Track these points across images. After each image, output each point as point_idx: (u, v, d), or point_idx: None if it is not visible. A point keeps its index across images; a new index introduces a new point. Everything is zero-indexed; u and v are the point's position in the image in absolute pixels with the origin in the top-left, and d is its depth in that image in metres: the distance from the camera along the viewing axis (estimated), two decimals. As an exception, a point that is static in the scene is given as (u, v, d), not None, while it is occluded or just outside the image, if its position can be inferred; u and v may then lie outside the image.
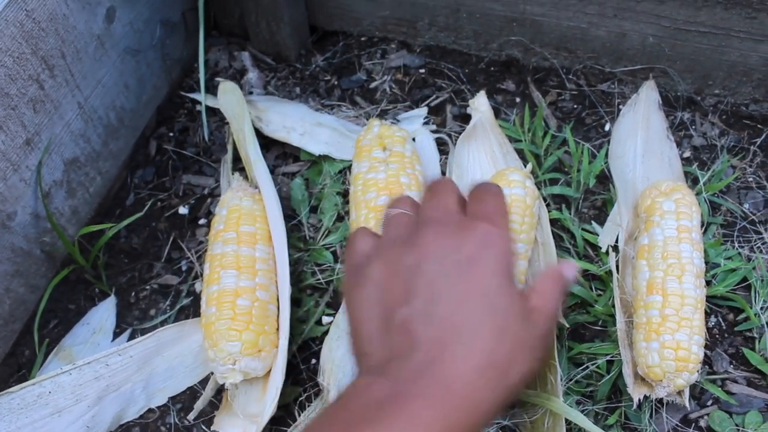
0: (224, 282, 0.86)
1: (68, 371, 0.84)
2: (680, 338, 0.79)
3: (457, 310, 0.54)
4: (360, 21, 1.18)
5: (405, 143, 0.96)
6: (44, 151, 0.89)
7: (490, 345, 0.52)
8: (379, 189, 0.90)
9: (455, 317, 0.54)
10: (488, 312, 0.54)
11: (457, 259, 0.56)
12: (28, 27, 0.81)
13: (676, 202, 0.89)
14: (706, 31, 0.99)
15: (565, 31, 1.07)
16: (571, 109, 1.10)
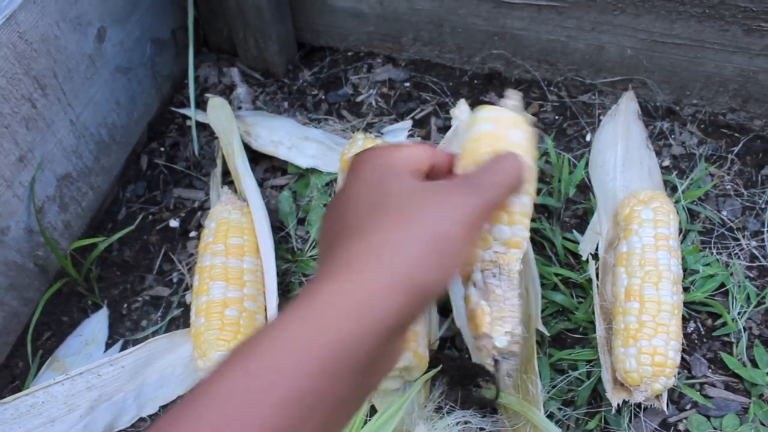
0: (213, 293, 0.89)
1: (61, 381, 0.86)
2: (657, 344, 0.81)
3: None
4: (346, 37, 1.21)
5: None
6: (37, 167, 0.92)
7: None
8: (363, 201, 0.92)
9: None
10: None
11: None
12: (20, 48, 0.84)
13: (654, 210, 0.91)
14: (682, 43, 1.02)
15: (546, 45, 1.10)
16: (552, 120, 1.12)
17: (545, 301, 0.93)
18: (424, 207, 0.50)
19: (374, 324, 0.44)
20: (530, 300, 0.89)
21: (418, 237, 0.48)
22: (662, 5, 0.98)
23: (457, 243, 0.49)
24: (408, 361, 0.81)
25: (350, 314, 0.44)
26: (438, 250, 0.48)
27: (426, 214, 0.49)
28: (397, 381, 0.85)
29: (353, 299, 0.44)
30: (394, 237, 0.48)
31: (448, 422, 0.83)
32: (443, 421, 0.83)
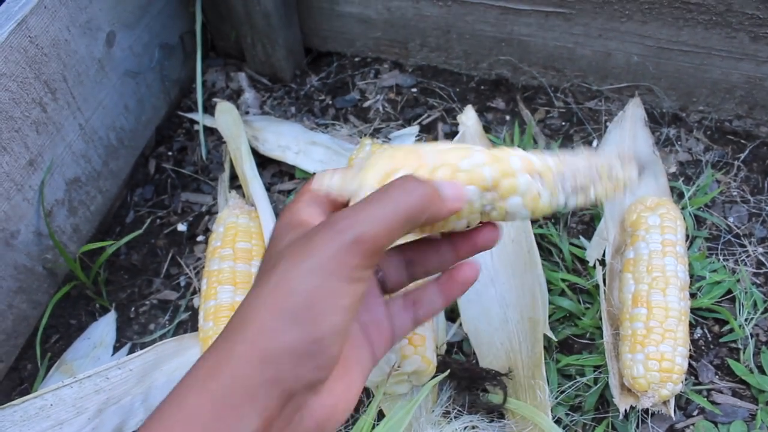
0: (221, 297, 0.89)
1: (69, 384, 0.86)
2: (664, 350, 0.81)
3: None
4: (353, 42, 1.22)
5: None
6: (46, 171, 0.92)
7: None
8: (371, 206, 0.92)
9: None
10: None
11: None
12: (31, 53, 0.84)
13: (661, 216, 0.92)
14: (689, 50, 1.02)
15: (553, 51, 1.10)
16: (559, 126, 1.13)
17: (552, 307, 0.93)
18: (279, 266, 0.44)
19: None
20: (537, 305, 0.89)
21: (269, 302, 0.44)
22: (669, 12, 0.98)
23: (314, 296, 0.43)
24: (416, 366, 0.81)
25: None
26: (290, 310, 0.43)
27: (278, 273, 0.44)
28: (405, 385, 0.85)
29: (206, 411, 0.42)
30: (248, 306, 0.45)
31: (455, 427, 0.83)
32: (451, 426, 0.83)
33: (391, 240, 0.44)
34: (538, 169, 0.53)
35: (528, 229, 0.95)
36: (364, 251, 0.43)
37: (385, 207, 0.44)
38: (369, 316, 0.53)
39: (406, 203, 0.45)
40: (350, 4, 1.15)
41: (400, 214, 0.44)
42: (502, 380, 0.85)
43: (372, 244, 0.43)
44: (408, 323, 0.56)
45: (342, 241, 0.43)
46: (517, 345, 0.89)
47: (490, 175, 0.51)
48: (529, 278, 0.91)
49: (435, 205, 0.46)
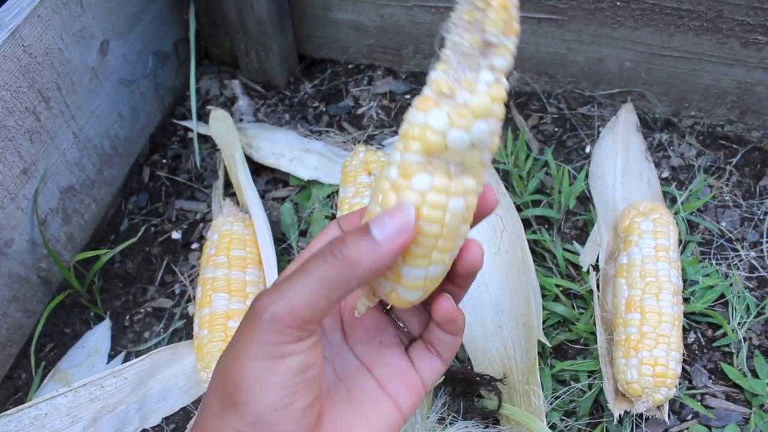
0: (216, 305, 0.89)
1: (64, 393, 0.86)
2: (658, 355, 0.82)
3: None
4: (347, 49, 1.22)
5: None
6: (40, 180, 0.92)
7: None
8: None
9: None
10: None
11: None
12: (25, 62, 0.85)
13: (653, 221, 0.92)
14: (680, 56, 1.03)
15: (545, 57, 1.10)
16: (552, 132, 1.13)
17: (546, 312, 0.93)
18: (222, 354, 0.46)
19: None
20: (531, 311, 0.89)
21: (211, 390, 0.45)
22: (660, 18, 0.99)
23: (242, 379, 0.43)
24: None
25: None
26: (225, 396, 0.44)
27: (218, 361, 0.46)
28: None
29: None
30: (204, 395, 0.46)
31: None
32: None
33: (318, 309, 0.42)
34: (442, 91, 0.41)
35: (521, 234, 0.95)
36: (284, 328, 0.42)
37: (300, 281, 0.42)
38: (388, 370, 0.52)
39: (323, 272, 0.42)
40: (343, 11, 1.15)
41: (320, 284, 0.42)
42: (497, 386, 0.85)
43: (291, 318, 0.42)
44: (436, 365, 0.53)
45: (259, 322, 0.42)
46: (511, 351, 0.89)
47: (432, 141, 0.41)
48: (523, 284, 0.92)
49: (362, 263, 0.42)
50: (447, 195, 0.42)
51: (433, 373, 0.52)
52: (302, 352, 0.43)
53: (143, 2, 1.07)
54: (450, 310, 0.49)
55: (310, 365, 0.44)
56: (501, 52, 0.40)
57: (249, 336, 0.43)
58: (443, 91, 0.40)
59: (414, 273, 0.45)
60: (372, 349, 0.52)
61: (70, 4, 0.91)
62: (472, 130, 0.40)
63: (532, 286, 0.91)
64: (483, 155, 0.42)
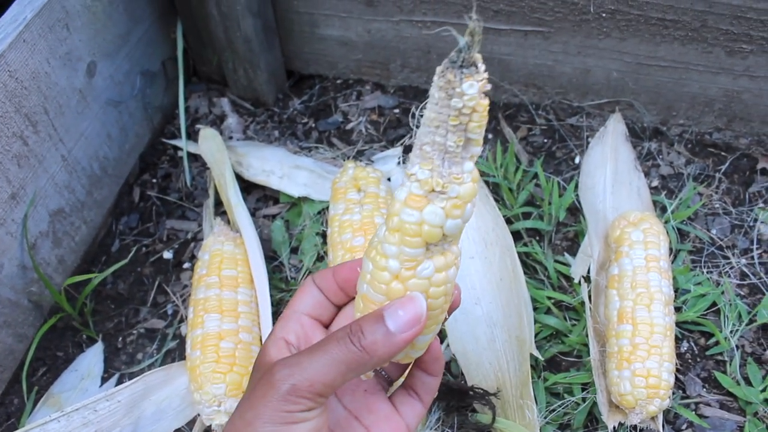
0: (208, 326, 0.89)
1: (57, 418, 0.85)
2: (650, 366, 0.82)
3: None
4: (335, 64, 1.22)
5: (379, 184, 0.99)
6: (29, 204, 0.92)
7: None
8: (354, 230, 0.92)
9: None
10: None
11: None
12: (11, 87, 0.84)
13: (644, 231, 0.92)
14: (667, 65, 1.03)
15: (533, 69, 1.11)
16: (541, 144, 1.13)
17: (539, 325, 0.93)
18: (232, 416, 0.49)
19: None
20: (523, 324, 0.89)
21: None
22: (646, 29, 0.99)
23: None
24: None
25: None
26: None
27: (228, 424, 0.49)
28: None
29: None
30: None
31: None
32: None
33: (333, 386, 0.46)
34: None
35: (511, 247, 0.95)
36: (299, 398, 0.46)
37: (321, 359, 0.46)
38: (374, 417, 0.55)
39: (342, 356, 0.46)
40: (331, 27, 1.15)
41: (338, 365, 0.46)
42: (491, 400, 0.85)
43: (308, 391, 0.46)
44: (417, 408, 0.57)
45: (277, 391, 0.46)
46: (504, 364, 0.89)
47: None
48: (515, 297, 0.92)
49: (378, 352, 0.46)
50: (446, 269, 0.48)
51: (415, 416, 0.56)
52: (312, 419, 0.47)
53: (130, 23, 1.07)
54: (438, 348, 0.54)
55: (318, 429, 0.47)
56: (478, 142, 0.44)
57: (265, 402, 0.46)
58: (434, 189, 0.44)
59: (425, 339, 0.51)
60: (358, 398, 0.56)
61: (56, 27, 0.91)
62: (465, 214, 0.45)
63: (523, 299, 0.91)
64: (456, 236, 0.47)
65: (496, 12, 1.04)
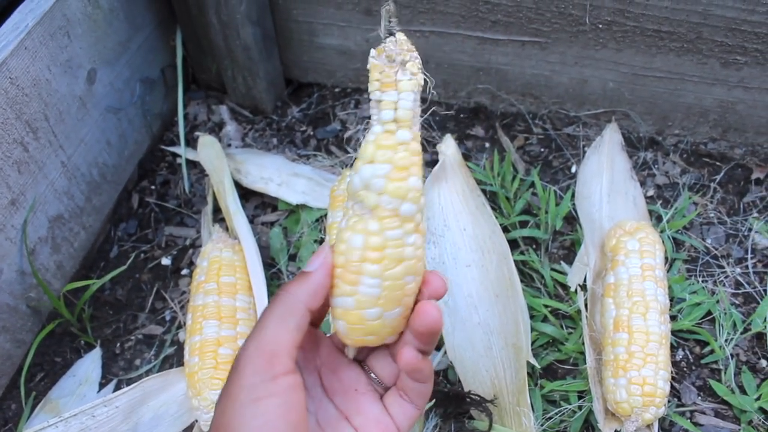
0: (206, 332, 0.89)
1: (54, 424, 0.85)
2: (646, 374, 0.82)
3: None
4: (333, 73, 1.23)
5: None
6: (29, 210, 0.92)
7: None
8: (352, 238, 0.93)
9: None
10: None
11: None
12: (12, 94, 0.85)
13: (639, 240, 0.93)
14: (662, 76, 1.04)
15: (530, 79, 1.12)
16: (538, 153, 1.14)
17: (535, 333, 0.94)
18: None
19: None
20: (520, 332, 0.90)
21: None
22: (642, 40, 1.01)
23: (230, 426, 0.48)
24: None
25: None
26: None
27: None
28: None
29: None
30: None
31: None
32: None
33: (283, 342, 0.49)
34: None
35: (508, 255, 0.95)
36: (255, 367, 0.48)
37: (262, 322, 0.50)
38: (365, 418, 0.56)
39: (275, 309, 0.50)
40: (329, 36, 1.16)
41: (275, 318, 0.50)
42: (488, 407, 0.85)
43: (259, 355, 0.48)
44: (410, 411, 0.57)
45: (236, 369, 0.49)
46: (501, 371, 0.89)
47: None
48: (512, 305, 0.92)
49: (299, 290, 0.50)
50: (352, 232, 0.50)
51: (408, 419, 0.56)
52: (280, 393, 0.47)
53: (130, 30, 1.08)
54: (412, 360, 0.53)
55: (291, 408, 0.48)
56: (385, 105, 0.49)
57: (230, 383, 0.48)
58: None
59: (390, 315, 0.52)
60: (349, 399, 0.56)
61: (57, 34, 0.91)
62: (361, 172, 0.50)
63: (520, 307, 0.92)
64: (381, 199, 0.49)
65: (493, 23, 1.05)
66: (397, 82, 0.50)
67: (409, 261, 0.51)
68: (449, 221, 1.00)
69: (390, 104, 0.49)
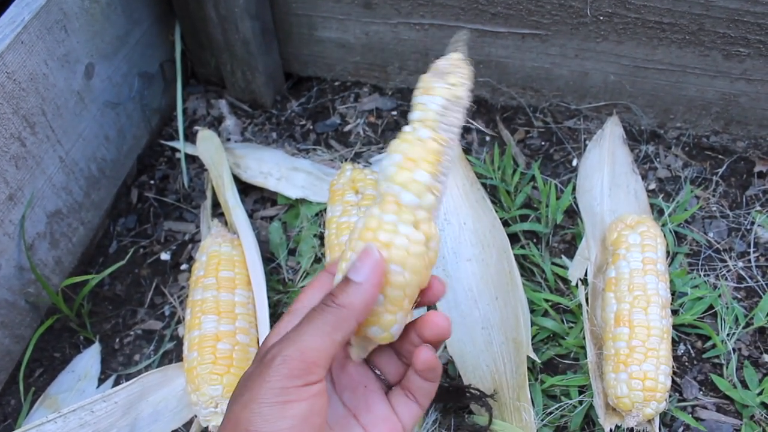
0: (205, 327, 0.89)
1: (53, 419, 0.85)
2: (647, 369, 0.82)
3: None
4: (333, 67, 1.22)
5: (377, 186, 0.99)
6: (27, 205, 0.92)
7: None
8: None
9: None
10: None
11: None
12: (9, 88, 0.84)
13: (641, 234, 0.92)
14: (664, 68, 1.04)
15: (530, 72, 1.11)
16: (539, 146, 1.14)
17: (536, 328, 0.93)
18: (230, 401, 0.51)
19: None
20: (520, 326, 0.89)
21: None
22: (643, 32, 1.00)
23: (250, 424, 0.47)
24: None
25: None
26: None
27: (227, 409, 0.50)
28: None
29: None
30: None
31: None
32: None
33: (323, 351, 0.48)
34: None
35: (508, 249, 0.95)
36: (291, 371, 0.47)
37: (307, 328, 0.49)
38: (373, 416, 0.56)
39: (325, 319, 0.49)
40: (329, 29, 1.15)
41: (323, 328, 0.49)
42: (488, 401, 0.85)
43: (300, 361, 0.47)
44: (414, 410, 0.57)
45: (269, 368, 0.47)
46: (501, 366, 0.89)
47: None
48: (512, 299, 0.92)
49: (354, 303, 0.49)
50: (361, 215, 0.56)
51: (412, 418, 0.57)
52: (308, 399, 0.47)
53: (128, 25, 1.07)
54: (431, 359, 0.54)
55: (315, 412, 0.48)
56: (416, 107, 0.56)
57: (259, 382, 0.47)
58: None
59: (390, 318, 0.52)
60: (358, 396, 0.57)
61: (54, 29, 0.91)
62: (382, 163, 0.55)
63: (520, 302, 0.91)
64: (387, 185, 0.53)
65: (493, 15, 1.04)
66: (433, 88, 0.55)
67: (398, 250, 0.51)
68: (449, 215, 1.00)
69: (420, 106, 0.55)
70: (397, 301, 0.52)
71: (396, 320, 0.53)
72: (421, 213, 0.52)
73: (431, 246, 0.53)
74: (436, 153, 0.53)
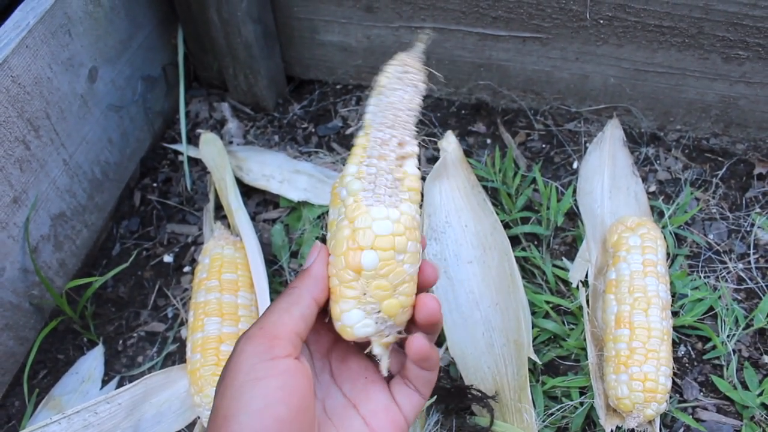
0: (208, 329, 0.89)
1: (57, 421, 0.85)
2: (648, 370, 0.82)
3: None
4: (335, 70, 1.23)
5: None
6: (31, 207, 0.92)
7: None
8: (354, 235, 0.93)
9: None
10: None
11: None
12: (14, 92, 0.85)
13: (641, 236, 0.93)
14: (664, 71, 1.04)
15: (531, 75, 1.12)
16: (539, 149, 1.14)
17: (537, 329, 0.94)
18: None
19: None
20: (521, 328, 0.90)
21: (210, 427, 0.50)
22: (643, 35, 1.00)
23: (230, 408, 0.48)
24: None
25: None
26: (215, 428, 0.48)
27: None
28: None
29: None
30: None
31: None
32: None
33: (285, 325, 0.51)
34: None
35: (509, 252, 0.95)
36: (256, 347, 0.49)
37: (267, 310, 0.53)
38: (373, 406, 0.56)
39: (282, 300, 0.53)
40: (331, 33, 1.16)
41: (281, 306, 0.52)
42: (489, 403, 0.86)
43: (262, 336, 0.50)
44: (415, 400, 0.57)
45: (237, 351, 0.50)
46: (503, 368, 0.90)
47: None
48: (513, 301, 0.92)
49: (304, 281, 0.53)
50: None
51: (414, 407, 0.57)
52: (278, 375, 0.48)
53: (131, 28, 1.08)
54: (423, 348, 0.53)
55: (291, 392, 0.48)
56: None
57: (229, 367, 0.50)
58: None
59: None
60: (359, 387, 0.57)
61: (58, 33, 0.92)
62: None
63: (521, 303, 0.92)
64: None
65: (494, 18, 1.05)
66: (385, 87, 0.60)
67: (337, 241, 0.54)
68: (450, 218, 1.00)
69: (370, 107, 0.59)
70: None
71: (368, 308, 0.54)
72: (349, 199, 0.56)
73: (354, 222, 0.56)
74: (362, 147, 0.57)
